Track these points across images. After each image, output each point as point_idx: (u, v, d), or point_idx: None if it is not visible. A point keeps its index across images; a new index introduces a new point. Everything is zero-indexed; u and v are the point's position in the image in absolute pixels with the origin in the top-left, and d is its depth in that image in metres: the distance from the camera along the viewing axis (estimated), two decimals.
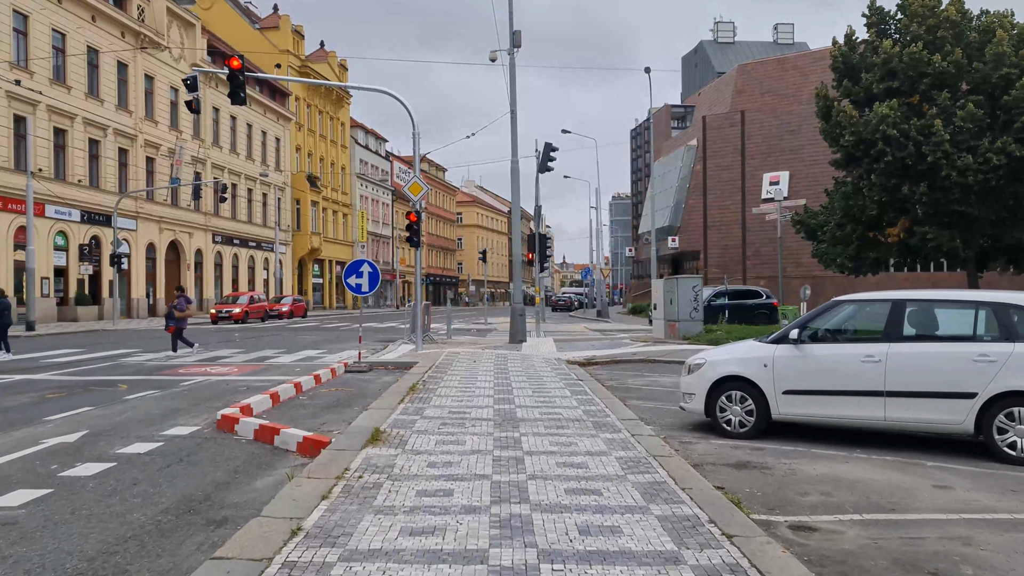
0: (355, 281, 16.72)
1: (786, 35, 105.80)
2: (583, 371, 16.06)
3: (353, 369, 16.34)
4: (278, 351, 21.75)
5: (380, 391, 12.78)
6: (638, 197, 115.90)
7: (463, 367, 16.12)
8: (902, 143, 18.99)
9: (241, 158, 57.18)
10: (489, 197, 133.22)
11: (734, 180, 62.71)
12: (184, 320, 20.35)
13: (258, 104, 59.75)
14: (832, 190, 23.20)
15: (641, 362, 18.73)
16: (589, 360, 19.09)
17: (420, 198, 20.60)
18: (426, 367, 16.02)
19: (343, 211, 75.68)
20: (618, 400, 11.59)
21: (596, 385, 13.42)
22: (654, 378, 15.47)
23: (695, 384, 9.48)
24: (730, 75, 69.56)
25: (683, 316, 22.47)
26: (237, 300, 44.06)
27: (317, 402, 11.83)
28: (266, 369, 16.97)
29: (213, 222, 52.78)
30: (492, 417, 9.76)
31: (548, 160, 30.38)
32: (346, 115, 78.55)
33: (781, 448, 8.54)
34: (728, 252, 61.74)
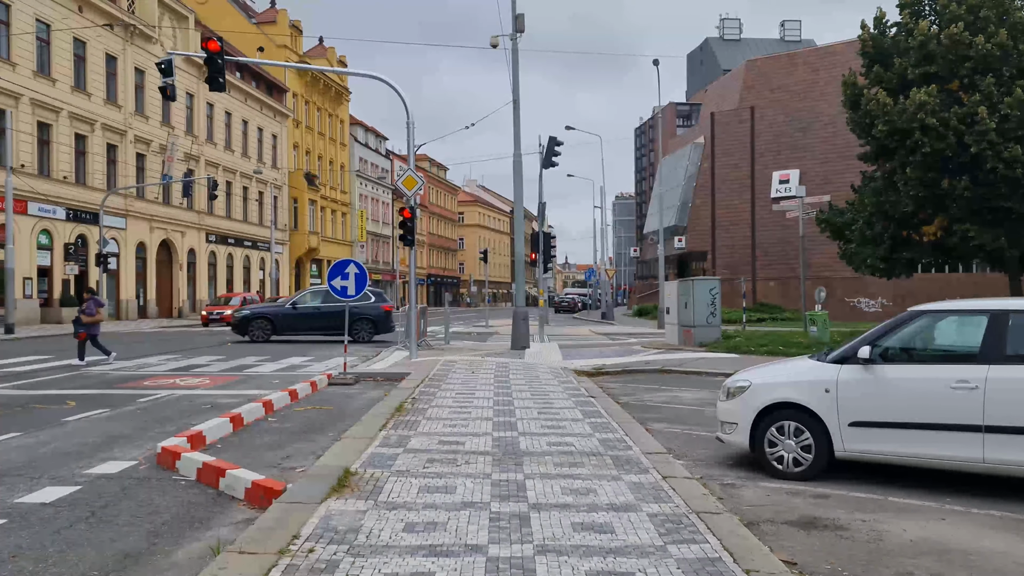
0: (340, 284, 15.07)
1: (793, 32, 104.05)
2: (593, 384, 14.39)
3: (337, 381, 14.68)
4: (261, 359, 20.10)
5: (363, 411, 11.11)
6: (642, 197, 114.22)
7: (459, 380, 14.45)
8: (941, 133, 17.31)
9: (236, 155, 55.58)
10: (491, 197, 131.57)
11: (742, 179, 61.00)
12: (96, 326, 18.21)
13: (254, 100, 58.18)
14: (860, 185, 21.51)
15: (656, 373, 17.06)
16: (598, 370, 17.44)
17: (415, 193, 18.96)
18: (418, 380, 14.35)
19: (342, 210, 74.07)
20: (637, 424, 9.92)
21: (610, 403, 11.75)
22: (673, 393, 13.79)
23: (737, 412, 7.80)
24: (738, 71, 67.84)
25: (700, 321, 20.78)
26: (229, 302, 42.37)
27: (287, 425, 10.16)
28: (242, 381, 15.31)
29: (207, 221, 51.17)
30: (490, 449, 8.09)
31: (552, 155, 28.73)
32: (345, 112, 76.94)
33: (850, 495, 6.85)
34: (736, 252, 60.01)
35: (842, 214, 22.17)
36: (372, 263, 79.77)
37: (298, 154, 66.67)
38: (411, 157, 19.41)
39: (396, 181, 19.09)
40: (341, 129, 75.82)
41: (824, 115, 59.12)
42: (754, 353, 19.36)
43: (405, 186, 18.95)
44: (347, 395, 13.16)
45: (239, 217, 56.08)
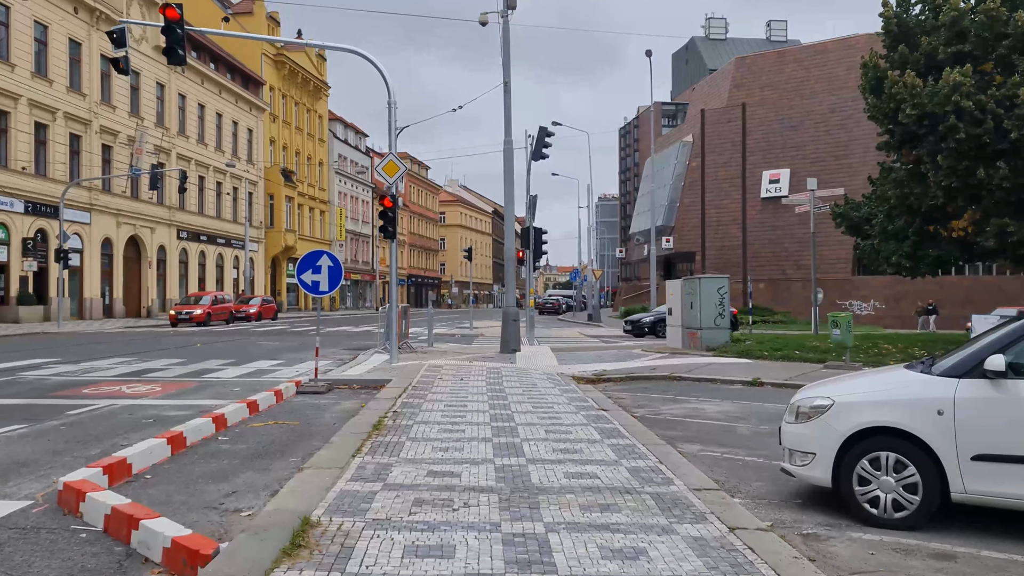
0: (311, 278, 13.21)
1: (779, 32, 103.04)
2: (600, 394, 12.64)
3: (307, 390, 12.82)
4: (225, 362, 18.19)
5: (334, 427, 9.30)
6: (626, 198, 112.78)
7: (447, 388, 12.64)
8: (978, 117, 15.74)
9: (210, 149, 53.38)
10: (473, 197, 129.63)
11: (732, 178, 59.62)
12: None
13: (229, 92, 56.01)
14: (879, 177, 19.93)
15: (664, 380, 15.34)
16: (599, 376, 15.73)
17: (396, 180, 17.14)
18: (400, 388, 12.54)
19: (320, 208, 71.96)
20: (667, 445, 8.18)
21: (625, 417, 10.00)
22: (692, 404, 12.07)
23: (814, 438, 6.06)
24: (727, 69, 66.50)
25: (707, 323, 19.10)
26: (199, 301, 40.33)
27: (240, 447, 8.32)
28: (198, 388, 13.42)
29: (178, 217, 48.95)
30: (494, 484, 6.31)
31: (543, 146, 26.97)
32: (324, 107, 74.83)
33: (983, 555, 5.14)
34: (725, 254, 58.61)
35: (859, 208, 20.56)
36: (351, 262, 77.71)
37: (275, 149, 64.52)
38: (392, 140, 17.59)
39: (376, 167, 17.26)
40: (319, 124, 73.72)
41: (815, 113, 57.89)
42: (768, 359, 17.71)
43: (386, 172, 17.13)
44: (317, 407, 11.32)
45: (212, 213, 53.88)
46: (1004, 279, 52.75)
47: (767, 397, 12.88)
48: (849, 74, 57.53)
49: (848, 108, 56.52)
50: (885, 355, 17.00)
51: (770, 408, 11.58)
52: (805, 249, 57.84)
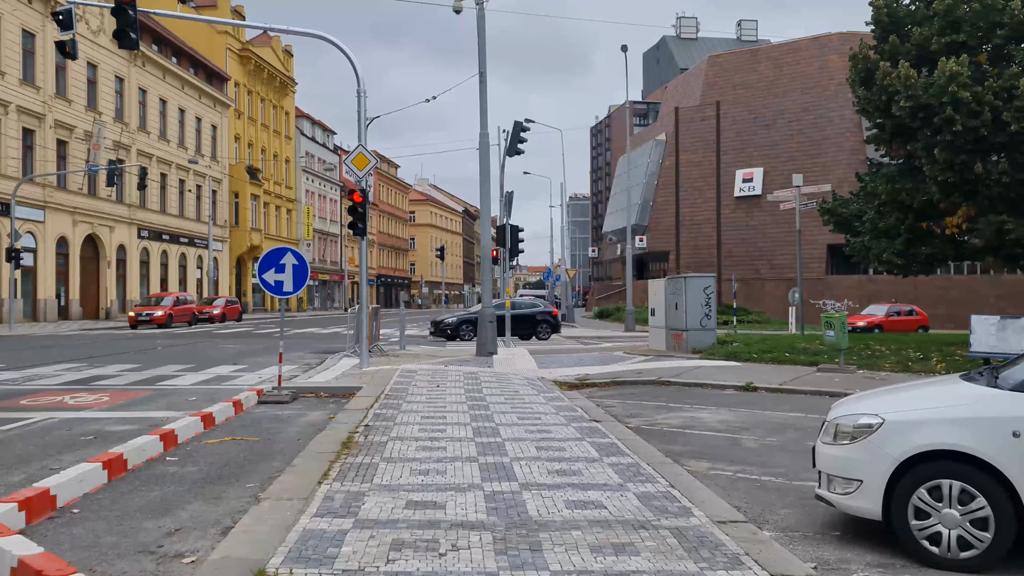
0: (275, 278, 12.17)
1: (749, 32, 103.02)
2: (587, 401, 11.77)
3: (270, 399, 11.79)
4: (183, 367, 17.04)
5: (299, 443, 8.32)
6: (598, 197, 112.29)
7: (423, 397, 11.67)
8: (974, 109, 15.10)
9: (172, 145, 51.76)
10: (443, 196, 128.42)
11: (706, 177, 59.14)
12: None
13: (192, 88, 54.42)
14: (867, 172, 19.25)
15: (652, 384, 14.49)
16: (583, 380, 14.86)
17: (366, 173, 16.11)
18: (372, 396, 11.55)
19: (287, 206, 70.44)
20: (675, 465, 7.30)
21: (620, 429, 9.12)
22: (688, 413, 11.21)
23: (860, 462, 5.19)
24: (699, 67, 66.07)
25: (692, 324, 18.29)
26: (160, 302, 38.88)
27: (189, 470, 7.30)
28: (151, 398, 12.32)
29: (139, 215, 47.32)
30: (485, 518, 5.37)
31: (518, 142, 26.04)
32: (291, 104, 73.31)
33: None
34: (699, 253, 58.11)
35: (847, 205, 19.88)
36: (319, 262, 76.26)
37: (240, 146, 62.96)
38: (362, 132, 16.57)
39: (345, 160, 16.22)
40: (286, 121, 72.18)
41: (788, 112, 57.60)
42: (757, 361, 16.94)
43: (355, 165, 16.10)
44: (280, 419, 10.29)
45: (175, 212, 52.26)
46: (977, 279, 52.86)
47: (764, 404, 12.08)
48: (822, 73, 57.45)
49: (822, 107, 56.37)
50: (879, 357, 16.31)
51: (771, 417, 10.77)
52: (779, 248, 57.66)
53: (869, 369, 15.48)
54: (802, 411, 11.28)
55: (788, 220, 56.67)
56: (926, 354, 16.53)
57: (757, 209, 57.63)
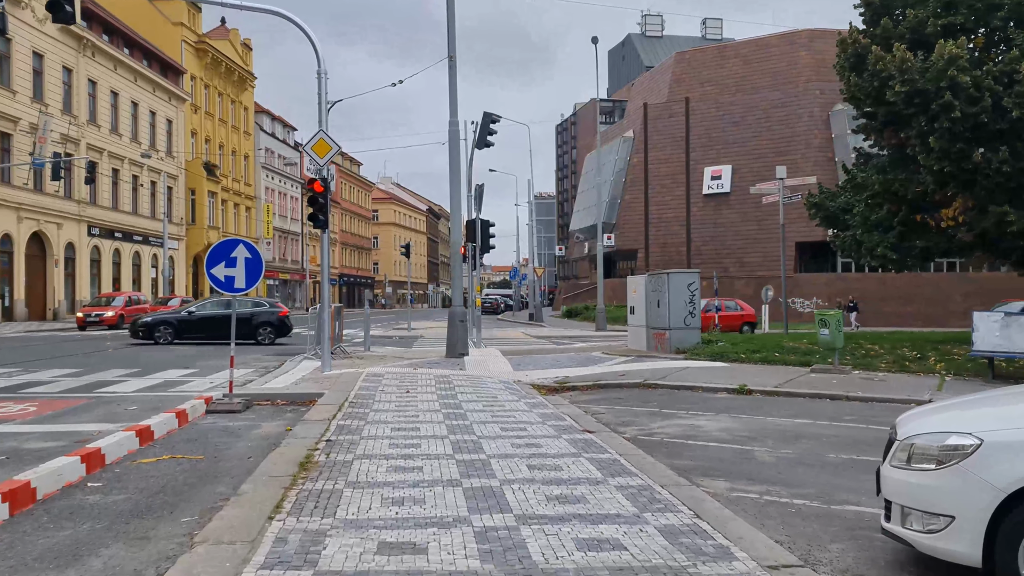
0: (224, 272, 10.92)
1: (714, 30, 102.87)
2: (573, 407, 10.71)
3: (219, 408, 10.54)
4: (128, 372, 15.66)
5: (249, 462, 7.14)
6: (564, 195, 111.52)
7: (392, 404, 10.50)
8: (973, 95, 14.30)
9: (125, 140, 49.75)
10: (407, 195, 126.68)
11: (674, 174, 58.46)
12: None
13: (145, 80, 52.43)
14: (855, 163, 18.46)
15: (637, 387, 13.47)
16: (563, 383, 13.83)
17: (328, 161, 14.88)
18: (335, 404, 10.36)
19: (246, 204, 68.53)
20: (690, 485, 6.25)
21: (619, 442, 8.07)
22: (685, 420, 10.18)
23: (950, 494, 4.15)
24: (667, 64, 65.45)
25: (676, 323, 17.30)
26: (111, 302, 37.13)
27: (115, 498, 6.09)
28: (85, 408, 10.99)
29: (89, 212, 45.33)
30: (479, 570, 4.26)
31: (487, 134, 24.92)
32: (249, 99, 71.36)
33: None
34: (668, 251, 57.43)
35: (834, 198, 19.03)
36: (280, 261, 74.44)
37: (196, 142, 60.99)
38: (323, 116, 15.33)
39: (304, 146, 14.97)
40: (245, 117, 70.24)
41: (757, 109, 57.14)
42: (746, 361, 16.00)
43: (316, 152, 14.86)
44: (230, 432, 9.07)
45: (127, 208, 50.26)
46: (945, 277, 52.89)
47: (764, 409, 11.10)
48: (791, 70, 57.09)
49: (791, 104, 56.04)
50: (874, 357, 15.45)
51: (777, 425, 9.79)
52: (748, 246, 57.19)
53: (865, 370, 14.62)
54: (807, 416, 10.33)
55: (757, 218, 56.45)
56: (922, 353, 15.72)
57: (726, 207, 57.17)
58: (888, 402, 11.67)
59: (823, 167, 53.57)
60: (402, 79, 19.66)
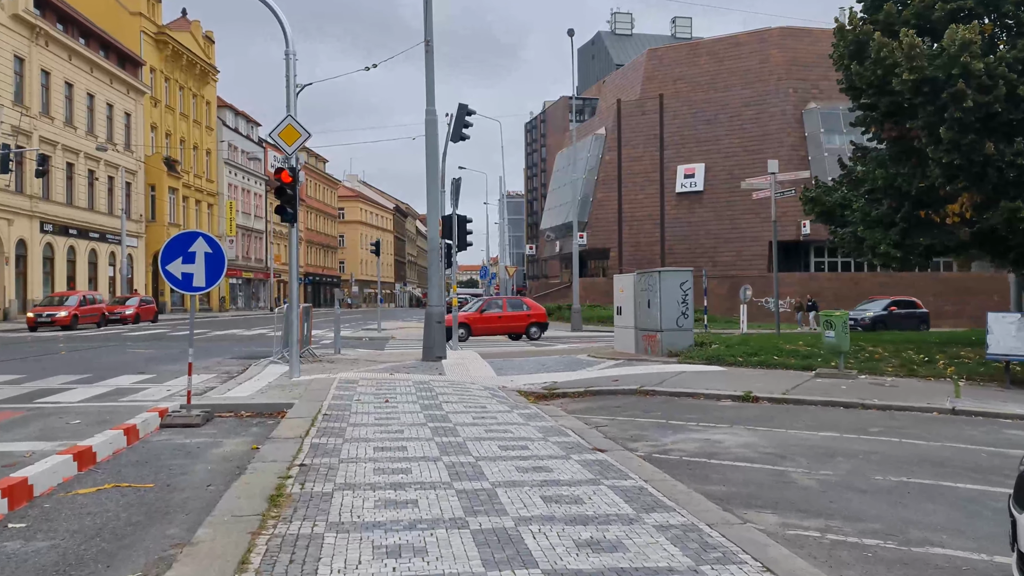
0: (182, 269, 9.73)
1: (684, 29, 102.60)
2: (573, 419, 9.67)
3: (175, 422, 9.35)
4: (76, 379, 14.33)
5: (209, 491, 6.01)
6: (533, 194, 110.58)
7: (372, 417, 9.38)
8: (986, 84, 13.53)
9: (80, 133, 47.80)
10: (374, 193, 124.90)
11: (647, 172, 57.76)
12: None
13: (102, 72, 50.49)
14: (852, 156, 17.65)
15: (634, 394, 12.49)
16: (551, 390, 12.83)
17: (296, 149, 13.70)
18: (307, 417, 9.22)
19: (208, 200, 66.60)
20: (741, 523, 5.24)
21: (637, 463, 7.06)
22: (699, 433, 9.19)
23: None
24: (639, 61, 64.79)
25: (668, 324, 16.34)
26: (64, 302, 35.38)
27: (38, 546, 4.93)
28: (21, 422, 9.71)
29: (41, 207, 43.40)
30: None
31: (463, 126, 23.78)
32: (212, 93, 69.42)
33: None
34: (641, 250, 56.71)
35: (831, 192, 18.21)
36: (244, 260, 72.59)
37: (156, 136, 59.04)
38: (291, 100, 14.14)
39: (271, 133, 13.77)
40: (207, 111, 68.31)
41: (730, 107, 56.66)
42: (744, 365, 15.08)
43: (283, 139, 13.67)
44: (187, 451, 7.91)
45: (83, 204, 48.32)
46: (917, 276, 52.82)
47: (778, 419, 10.17)
48: (763, 68, 56.64)
49: (764, 102, 55.64)
50: (879, 360, 14.60)
51: (802, 439, 8.85)
52: (721, 245, 56.67)
53: (871, 374, 13.78)
54: (831, 429, 9.41)
55: (730, 217, 55.97)
56: (929, 356, 14.93)
57: (699, 205, 56.64)
58: (907, 410, 10.83)
59: (797, 166, 53.15)
60: (376, 63, 18.44)
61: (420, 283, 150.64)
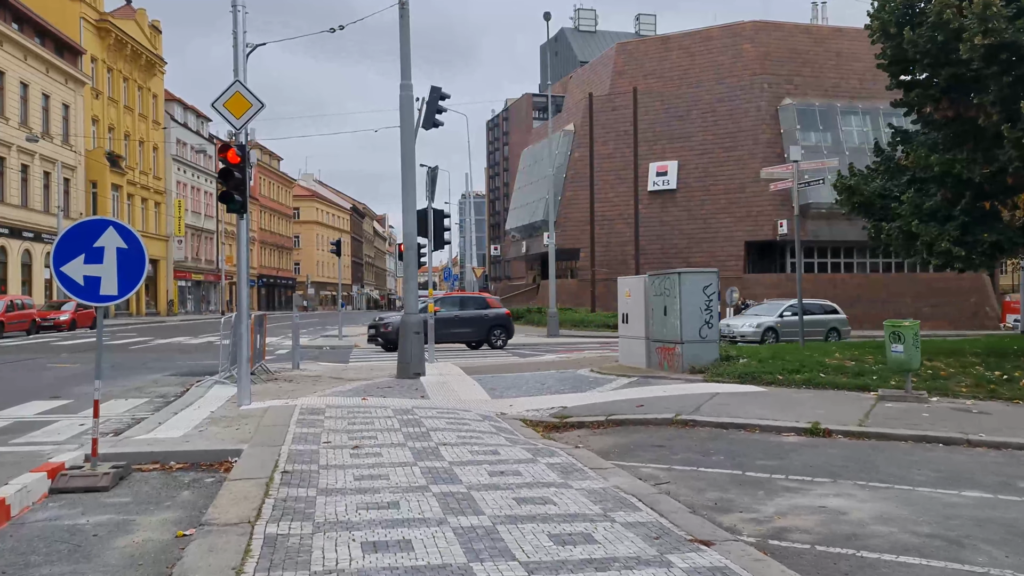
0: (85, 271, 7.05)
1: (648, 26, 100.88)
2: (623, 473, 7.17)
3: (71, 484, 6.68)
4: None
5: None
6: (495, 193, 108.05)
7: (351, 478, 6.77)
8: None
9: (12, 125, 44.18)
10: (330, 192, 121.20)
11: (617, 170, 55.52)
12: None
13: (38, 59, 46.86)
14: (891, 143, 15.47)
15: (671, 425, 10.07)
16: (563, 418, 10.48)
17: (247, 122, 11.03)
18: (259, 481, 6.59)
19: (155, 199, 62.90)
20: None
21: (760, 565, 4.57)
22: (800, 495, 6.76)
23: None
24: (608, 55, 62.65)
25: (690, 335, 13.88)
26: None
27: None
28: None
29: None
30: None
31: (436, 112, 21.17)
32: (159, 86, 65.70)
33: None
34: (612, 250, 54.44)
35: (869, 181, 15.91)
36: (193, 261, 68.94)
37: (99, 130, 55.35)
38: (240, 60, 11.46)
39: (215, 102, 11.07)
40: (154, 104, 64.60)
41: (702, 103, 54.79)
42: (785, 385, 12.67)
43: (230, 110, 11.00)
44: (74, 548, 5.25)
45: (16, 201, 44.67)
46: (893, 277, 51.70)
47: (879, 465, 7.82)
48: (735, 63, 54.78)
49: (737, 98, 53.89)
50: (946, 378, 12.30)
51: (949, 504, 6.47)
52: (694, 245, 54.64)
53: (943, 395, 11.52)
54: (970, 485, 7.03)
55: (703, 216, 54.01)
56: (1005, 371, 12.66)
57: (672, 204, 54.66)
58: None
59: (772, 163, 51.38)
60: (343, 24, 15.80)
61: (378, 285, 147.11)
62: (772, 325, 26.15)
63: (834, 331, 27.06)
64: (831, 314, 28.46)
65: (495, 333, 25.36)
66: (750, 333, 25.64)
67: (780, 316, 26.81)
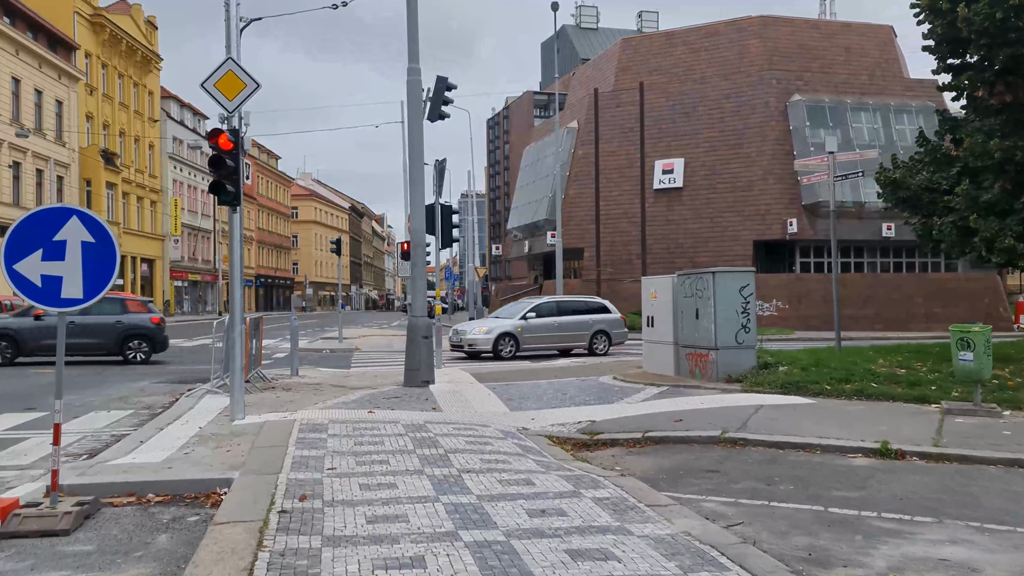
0: (43, 270, 5.89)
1: (650, 24, 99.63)
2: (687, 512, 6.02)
3: (24, 528, 5.51)
4: None
5: None
6: (495, 192, 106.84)
7: (362, 518, 5.61)
8: None
9: (3, 121, 43.00)
10: (328, 192, 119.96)
11: (621, 168, 54.35)
12: None
13: (30, 54, 45.69)
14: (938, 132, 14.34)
15: (717, 444, 8.93)
16: (593, 434, 9.43)
17: (240, 104, 9.87)
18: (252, 524, 5.42)
19: (151, 197, 61.68)
20: None
21: None
22: (910, 541, 5.61)
23: None
24: (611, 51, 61.52)
25: (725, 340, 12.69)
26: None
27: None
28: None
29: None
30: None
31: (443, 102, 20.06)
32: (155, 83, 64.48)
33: None
34: (616, 250, 53.26)
35: (914, 173, 14.71)
36: (189, 261, 67.72)
37: (93, 127, 54.15)
38: (233, 37, 10.28)
39: (205, 82, 9.91)
40: (150, 102, 63.38)
41: (708, 99, 53.63)
42: (833, 395, 11.50)
43: (222, 91, 9.84)
44: None
45: (7, 199, 43.52)
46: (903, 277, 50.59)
47: (990, 499, 6.68)
48: (741, 59, 53.60)
49: (743, 94, 52.76)
50: (1014, 389, 11.15)
51: None
52: (701, 245, 53.46)
53: (1015, 408, 10.37)
54: None
55: (709, 215, 52.81)
56: None
57: (678, 203, 53.49)
58: None
59: (780, 161, 50.41)
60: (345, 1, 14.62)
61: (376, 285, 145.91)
62: (510, 331, 21.41)
63: (602, 334, 22.42)
64: (599, 313, 22.85)
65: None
66: (481, 341, 21.34)
67: (523, 319, 21.89)
